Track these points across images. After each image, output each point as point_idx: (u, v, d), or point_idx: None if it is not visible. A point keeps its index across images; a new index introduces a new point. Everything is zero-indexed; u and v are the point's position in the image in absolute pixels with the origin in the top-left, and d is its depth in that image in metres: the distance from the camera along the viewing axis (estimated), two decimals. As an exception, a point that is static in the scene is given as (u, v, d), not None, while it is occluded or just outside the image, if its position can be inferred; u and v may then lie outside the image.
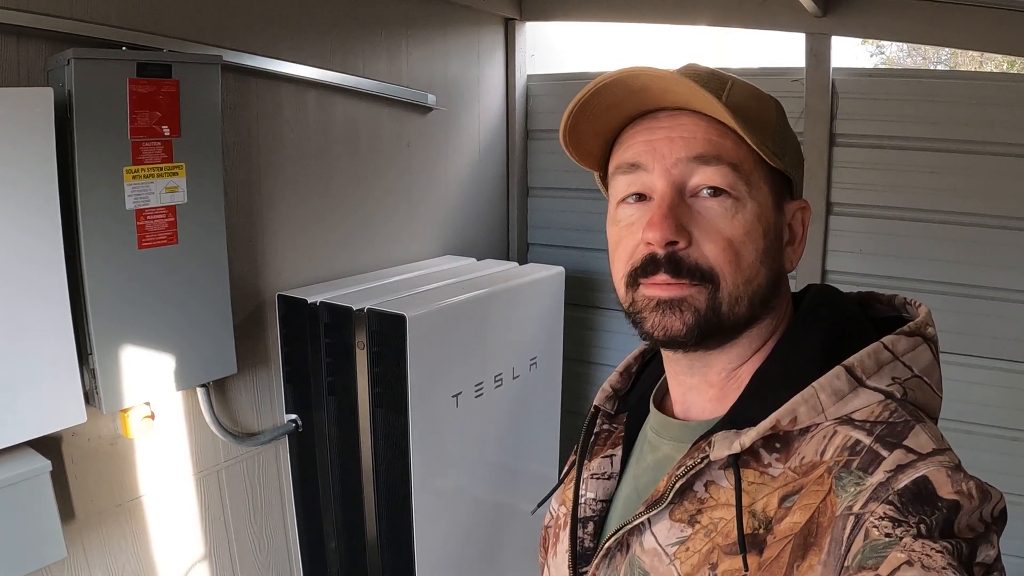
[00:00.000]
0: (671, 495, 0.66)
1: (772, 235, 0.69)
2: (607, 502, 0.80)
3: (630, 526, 0.69)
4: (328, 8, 2.15)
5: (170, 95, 1.62)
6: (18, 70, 1.51)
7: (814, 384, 0.63)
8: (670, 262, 0.66)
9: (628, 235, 0.69)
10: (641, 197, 0.69)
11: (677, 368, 0.75)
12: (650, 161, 0.68)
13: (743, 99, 0.68)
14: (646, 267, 0.67)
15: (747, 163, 0.67)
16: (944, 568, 0.49)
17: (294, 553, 2.26)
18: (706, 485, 0.66)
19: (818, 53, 2.33)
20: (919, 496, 0.54)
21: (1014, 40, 2.09)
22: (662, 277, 0.66)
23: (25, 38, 1.51)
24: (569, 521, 0.80)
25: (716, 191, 0.66)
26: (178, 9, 1.76)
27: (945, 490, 0.54)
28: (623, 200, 0.71)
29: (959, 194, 2.23)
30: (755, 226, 0.67)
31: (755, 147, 0.65)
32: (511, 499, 2.41)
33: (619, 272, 0.71)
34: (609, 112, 0.70)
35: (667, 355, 0.75)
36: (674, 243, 0.66)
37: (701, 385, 0.73)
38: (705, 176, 0.66)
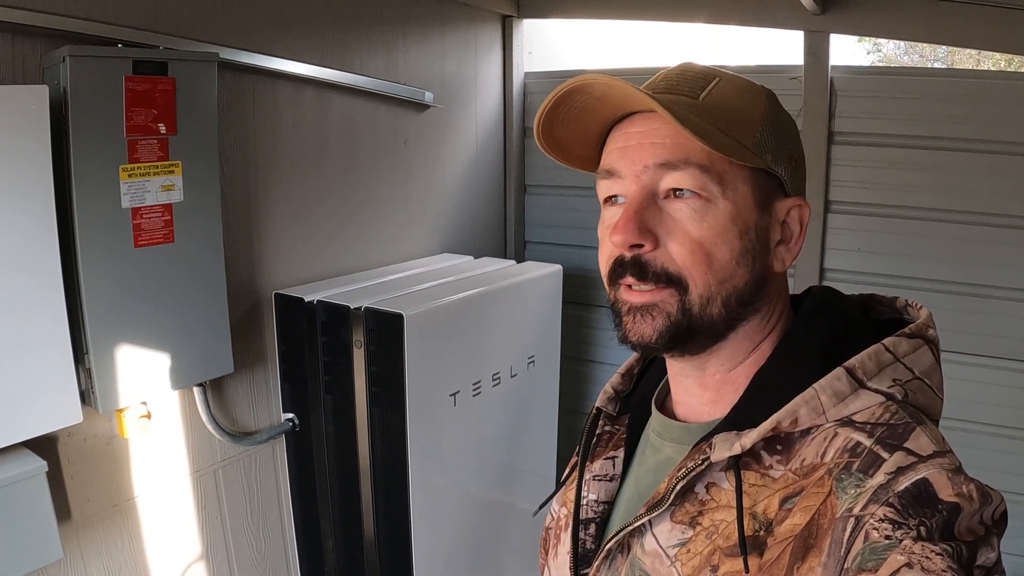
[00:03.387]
0: (672, 497, 0.66)
1: (753, 235, 0.68)
2: (609, 504, 0.80)
3: (631, 528, 0.69)
4: (325, 5, 2.14)
5: (166, 93, 1.61)
6: (13, 68, 1.50)
7: (815, 385, 0.63)
8: (635, 265, 0.67)
9: (607, 236, 0.70)
10: (619, 199, 0.70)
11: (674, 369, 0.75)
12: (623, 167, 0.69)
13: (724, 98, 0.68)
14: (615, 269, 0.68)
15: (720, 163, 0.66)
16: (944, 571, 0.49)
17: (291, 552, 2.25)
18: (707, 487, 0.66)
19: (817, 51, 2.33)
20: (919, 498, 0.54)
21: (1012, 38, 2.09)
22: (628, 279, 0.67)
23: (20, 35, 1.50)
24: (571, 522, 0.80)
25: (686, 192, 0.66)
26: (174, 6, 1.75)
27: (945, 492, 0.53)
28: (606, 201, 0.72)
29: (958, 192, 2.23)
30: (728, 227, 0.66)
31: (713, 150, 0.64)
32: (509, 498, 2.41)
33: (602, 271, 0.72)
34: (584, 118, 0.71)
35: (678, 360, 0.75)
36: (639, 246, 0.66)
37: (696, 387, 0.73)
38: (673, 179, 0.66)
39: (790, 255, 0.71)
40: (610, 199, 0.71)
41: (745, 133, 0.67)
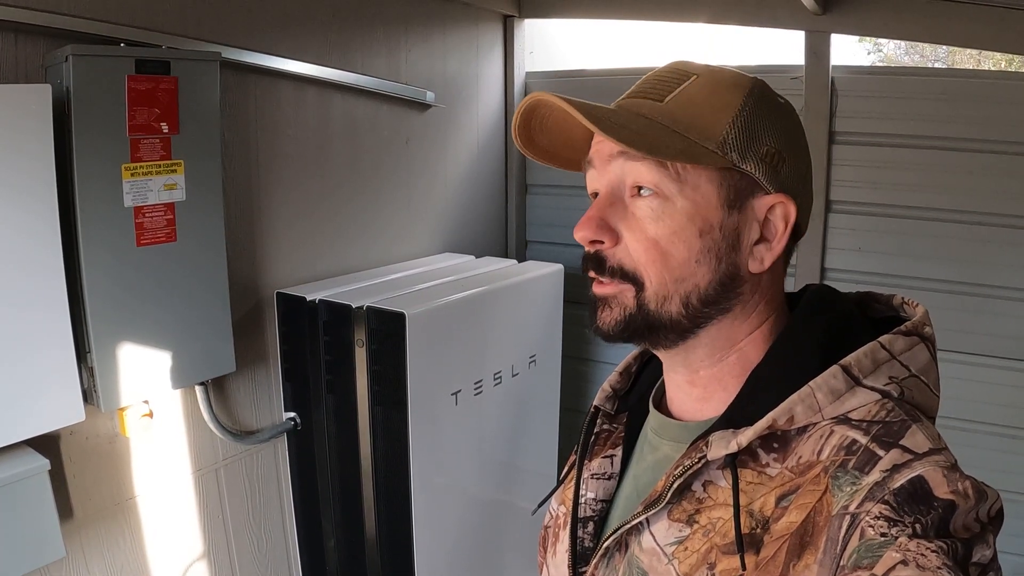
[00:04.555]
0: (669, 495, 0.66)
1: (717, 234, 0.67)
2: (608, 502, 0.80)
3: (628, 526, 0.69)
4: (327, 5, 2.15)
5: (169, 92, 1.61)
6: (16, 67, 1.51)
7: (811, 383, 0.63)
8: (594, 260, 0.69)
9: None
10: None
11: (666, 366, 0.76)
12: (596, 159, 0.71)
13: (694, 97, 0.68)
14: (583, 262, 0.71)
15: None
16: (939, 568, 0.49)
17: (293, 551, 2.26)
18: (704, 485, 0.66)
19: (818, 51, 2.33)
20: (915, 496, 0.54)
21: (1012, 38, 2.09)
22: (591, 273, 0.70)
23: (23, 34, 1.51)
24: (569, 521, 0.80)
25: (645, 191, 0.67)
26: (177, 5, 1.76)
27: (941, 490, 0.54)
28: (593, 197, 0.74)
29: (958, 192, 2.23)
30: (685, 226, 0.66)
31: (647, 155, 0.65)
32: (510, 497, 2.41)
33: None
34: (564, 125, 0.72)
35: (658, 353, 0.76)
36: (599, 243, 0.68)
37: (685, 384, 0.74)
38: (636, 173, 0.67)
39: (771, 254, 0.69)
40: (593, 195, 0.73)
41: (707, 132, 0.66)
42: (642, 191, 0.67)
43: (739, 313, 0.70)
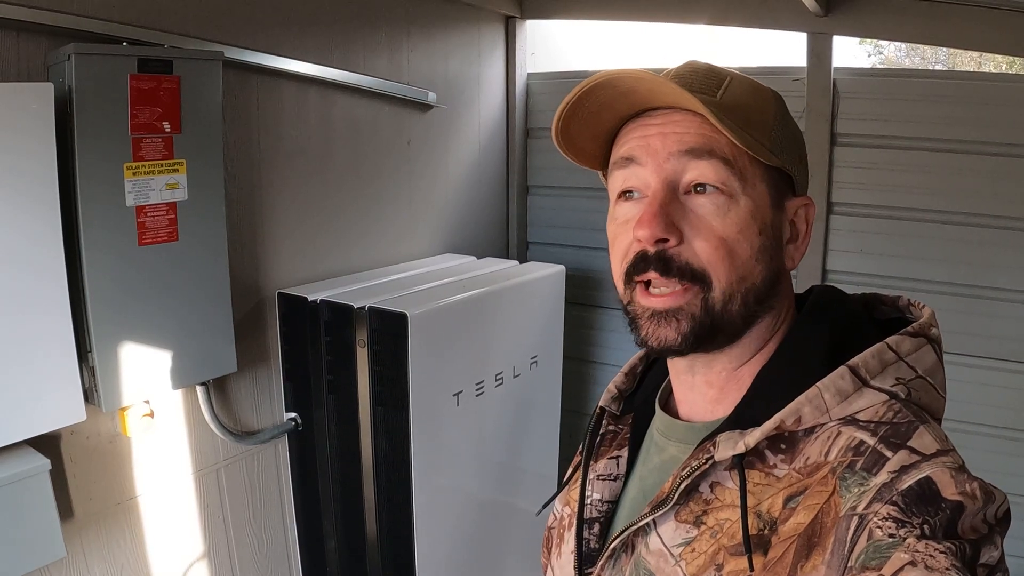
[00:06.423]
0: (676, 496, 0.66)
1: (769, 232, 0.68)
2: (613, 503, 0.80)
3: (635, 527, 0.69)
4: (329, 5, 2.15)
5: (171, 91, 1.61)
6: (18, 65, 1.51)
7: (818, 384, 0.63)
8: (659, 260, 0.66)
9: (623, 232, 0.69)
10: (635, 194, 0.69)
11: (678, 368, 0.75)
12: (643, 155, 0.68)
13: (740, 97, 0.68)
14: (637, 264, 0.67)
15: (742, 159, 0.66)
16: (947, 569, 0.49)
17: (293, 552, 2.26)
18: (711, 486, 0.66)
19: (819, 52, 2.33)
20: (923, 497, 0.54)
21: (1013, 40, 2.10)
22: (652, 274, 0.66)
23: (25, 33, 1.51)
24: (575, 522, 0.80)
25: (709, 188, 0.66)
26: (179, 5, 1.76)
27: (949, 491, 0.54)
28: (620, 197, 0.71)
29: (960, 194, 2.23)
30: (749, 223, 0.66)
31: (744, 147, 0.65)
32: (512, 498, 2.41)
33: (616, 270, 0.71)
34: (602, 114, 0.70)
35: (689, 356, 0.75)
36: (664, 241, 0.65)
37: (701, 385, 0.73)
38: (698, 171, 0.66)
39: (799, 253, 0.71)
40: (624, 195, 0.70)
41: (763, 132, 0.68)
42: (699, 188, 0.66)
43: (776, 312, 0.71)
